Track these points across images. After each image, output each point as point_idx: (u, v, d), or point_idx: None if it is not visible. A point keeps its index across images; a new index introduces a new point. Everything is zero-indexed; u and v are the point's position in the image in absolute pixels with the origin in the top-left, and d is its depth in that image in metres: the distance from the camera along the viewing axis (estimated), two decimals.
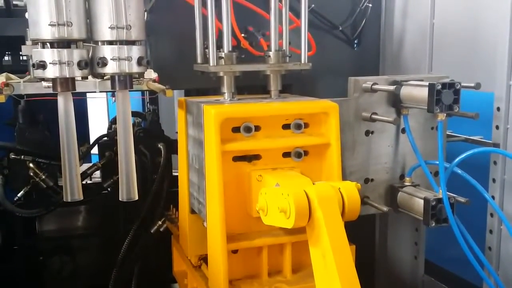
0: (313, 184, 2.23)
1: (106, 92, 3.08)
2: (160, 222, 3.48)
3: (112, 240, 3.72)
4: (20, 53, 3.23)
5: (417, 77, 2.81)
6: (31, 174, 3.45)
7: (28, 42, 2.46)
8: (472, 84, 2.55)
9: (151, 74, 2.60)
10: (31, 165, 3.45)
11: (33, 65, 2.23)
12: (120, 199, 2.49)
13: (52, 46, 2.22)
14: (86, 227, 3.96)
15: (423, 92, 2.52)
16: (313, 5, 3.22)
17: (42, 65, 2.22)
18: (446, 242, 3.83)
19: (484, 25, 2.91)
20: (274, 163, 2.54)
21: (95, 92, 2.70)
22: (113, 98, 3.82)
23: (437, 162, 2.66)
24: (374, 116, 2.76)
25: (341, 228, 2.11)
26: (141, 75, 2.44)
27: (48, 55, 2.21)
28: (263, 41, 2.91)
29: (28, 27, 2.27)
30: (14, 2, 3.11)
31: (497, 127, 2.84)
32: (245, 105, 2.59)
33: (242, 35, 2.91)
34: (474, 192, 3.40)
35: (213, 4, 2.57)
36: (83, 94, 4.46)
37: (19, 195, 3.51)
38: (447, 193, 2.62)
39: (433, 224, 2.60)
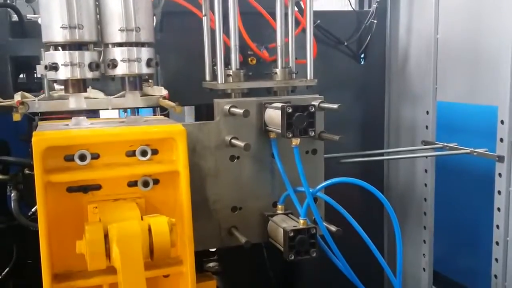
0: (141, 218, 2.10)
1: (118, 109, 3.15)
2: None
3: None
4: (34, 71, 3.31)
5: (285, 99, 2.67)
6: None
7: (43, 62, 2.53)
8: (335, 106, 2.47)
9: (161, 91, 2.66)
10: None
11: (46, 67, 2.29)
12: None
13: (64, 49, 2.28)
14: None
15: (279, 115, 2.39)
16: (318, 21, 3.29)
17: (54, 67, 2.28)
18: (455, 253, 3.86)
19: (488, 39, 2.96)
20: (117, 193, 2.33)
21: (107, 109, 2.76)
22: (125, 114, 3.89)
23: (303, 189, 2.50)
24: (233, 141, 2.57)
25: (141, 273, 2.00)
26: (150, 76, 2.47)
27: (60, 57, 2.27)
28: (266, 53, 3.00)
29: (43, 48, 2.36)
30: (28, 16, 3.17)
31: (501, 140, 2.88)
32: (76, 132, 2.35)
33: (249, 52, 3.00)
34: (480, 204, 3.45)
35: (221, 22, 2.63)
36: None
37: (33, 209, 3.57)
38: (311, 223, 2.48)
39: (292, 257, 2.43)
